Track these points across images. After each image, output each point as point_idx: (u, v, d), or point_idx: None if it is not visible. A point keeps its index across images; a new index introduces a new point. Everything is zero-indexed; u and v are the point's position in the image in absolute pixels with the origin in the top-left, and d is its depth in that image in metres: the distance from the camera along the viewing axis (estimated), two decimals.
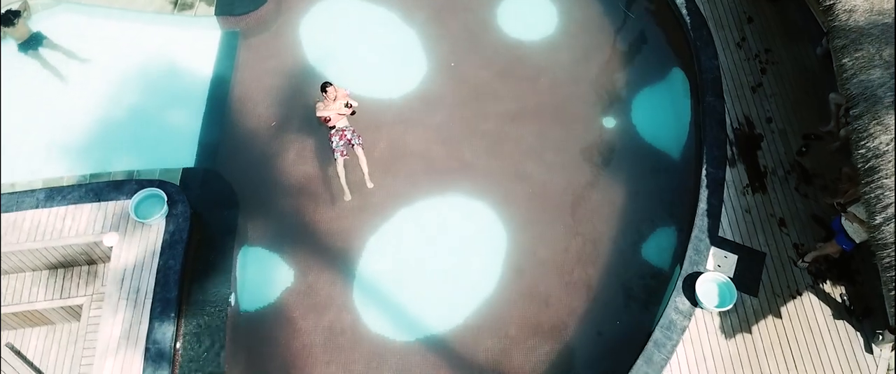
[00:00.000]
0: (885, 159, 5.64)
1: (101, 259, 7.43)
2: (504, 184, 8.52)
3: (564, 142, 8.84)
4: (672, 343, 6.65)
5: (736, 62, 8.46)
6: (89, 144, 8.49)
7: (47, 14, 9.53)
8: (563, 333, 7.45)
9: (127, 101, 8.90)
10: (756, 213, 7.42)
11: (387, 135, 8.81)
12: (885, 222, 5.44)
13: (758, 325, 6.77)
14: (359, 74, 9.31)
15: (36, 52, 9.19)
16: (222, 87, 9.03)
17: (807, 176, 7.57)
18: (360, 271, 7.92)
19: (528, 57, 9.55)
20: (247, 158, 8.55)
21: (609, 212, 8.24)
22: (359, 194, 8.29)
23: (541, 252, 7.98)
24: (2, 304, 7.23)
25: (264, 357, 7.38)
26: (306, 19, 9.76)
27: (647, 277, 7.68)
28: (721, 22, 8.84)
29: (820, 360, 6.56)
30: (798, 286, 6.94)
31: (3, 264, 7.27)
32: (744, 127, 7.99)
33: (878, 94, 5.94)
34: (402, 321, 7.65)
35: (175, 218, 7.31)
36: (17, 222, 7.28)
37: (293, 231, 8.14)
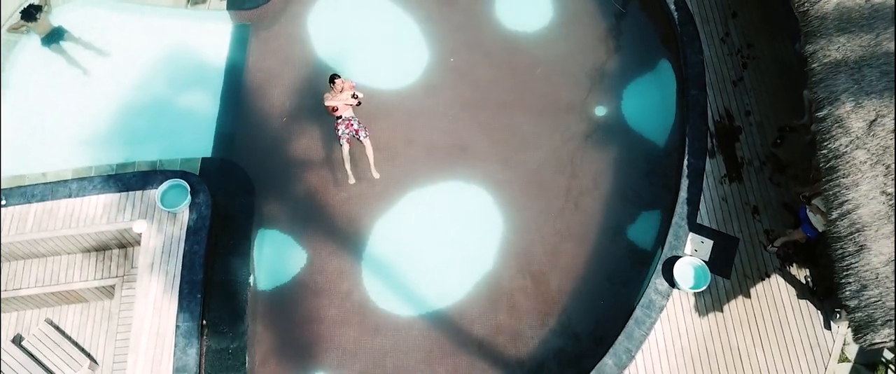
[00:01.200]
0: (843, 160, 6.24)
1: (130, 243, 8.10)
2: (500, 170, 9.13)
3: (558, 130, 9.40)
4: (651, 321, 7.38)
5: (719, 57, 8.96)
6: (113, 135, 9.06)
7: (67, 8, 9.96)
8: (552, 308, 8.18)
9: (146, 93, 9.43)
10: (732, 201, 8.05)
11: (390, 124, 9.37)
12: (841, 217, 6.07)
13: (729, 304, 7.48)
14: (363, 64, 9.81)
15: (58, 45, 9.67)
16: (235, 78, 9.55)
17: (780, 166, 8.17)
18: (368, 252, 8.61)
19: (524, 48, 10.02)
20: (260, 147, 9.14)
21: (598, 196, 8.87)
22: (366, 181, 8.90)
23: (534, 234, 8.65)
24: (37, 285, 7.95)
25: (282, 331, 8.12)
26: (313, 12, 10.19)
27: (631, 258, 8.37)
28: (707, 17, 9.29)
29: (784, 336, 7.29)
30: (767, 269, 7.63)
31: (41, 248, 7.94)
32: (724, 120, 8.55)
33: (841, 99, 6.49)
34: (407, 297, 8.37)
35: (198, 206, 7.96)
36: (53, 211, 7.93)
37: (305, 215, 8.80)
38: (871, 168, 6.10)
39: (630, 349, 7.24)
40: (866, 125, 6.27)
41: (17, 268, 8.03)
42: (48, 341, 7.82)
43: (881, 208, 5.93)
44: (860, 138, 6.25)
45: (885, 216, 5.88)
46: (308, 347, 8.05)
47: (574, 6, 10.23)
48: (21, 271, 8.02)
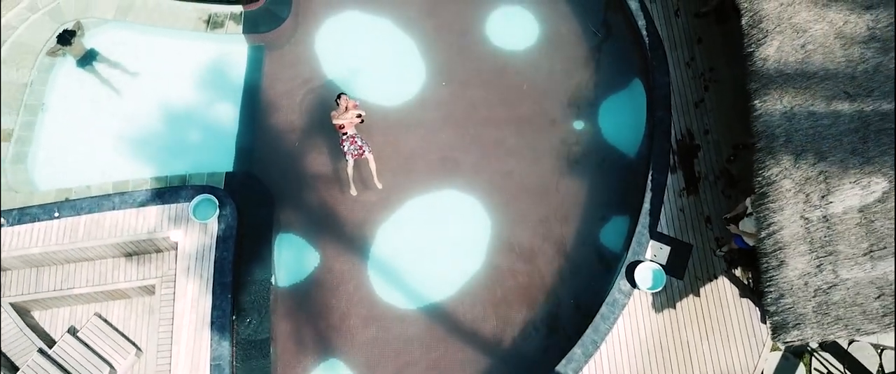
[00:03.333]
0: (772, 188, 7.41)
1: (167, 249, 9.34)
2: (490, 179, 10.31)
3: (541, 142, 10.53)
4: (614, 316, 8.68)
5: (684, 80, 10.03)
6: (145, 150, 10.21)
7: (98, 32, 10.97)
8: (532, 304, 9.48)
9: (172, 110, 10.53)
10: (688, 212, 9.27)
11: (391, 138, 10.49)
12: (767, 236, 7.28)
13: (681, 302, 8.77)
14: (366, 82, 10.86)
15: (91, 67, 10.72)
16: (252, 96, 10.63)
17: (733, 181, 9.35)
18: (373, 253, 9.86)
19: (511, 66, 11.05)
20: (276, 161, 10.29)
21: (576, 203, 10.08)
22: (370, 191, 10.09)
23: (519, 237, 9.89)
24: (88, 284, 9.22)
25: (299, 323, 9.44)
26: (320, 33, 11.18)
27: (601, 260, 9.63)
28: (675, 42, 10.32)
29: (726, 329, 8.61)
30: (715, 272, 8.89)
31: (91, 253, 9.19)
32: (686, 138, 9.69)
33: (775, 133, 7.62)
34: (408, 293, 9.67)
35: (225, 218, 9.17)
36: (100, 222, 9.15)
37: (318, 221, 10.01)
38: (794, 196, 7.28)
39: (596, 340, 8.56)
40: (793, 158, 7.43)
41: (71, 270, 9.29)
42: (99, 332, 9.14)
43: (799, 230, 7.13)
44: (787, 169, 7.41)
45: (801, 238, 7.09)
46: (321, 336, 9.39)
47: (556, 28, 11.23)
48: (73, 272, 9.28)
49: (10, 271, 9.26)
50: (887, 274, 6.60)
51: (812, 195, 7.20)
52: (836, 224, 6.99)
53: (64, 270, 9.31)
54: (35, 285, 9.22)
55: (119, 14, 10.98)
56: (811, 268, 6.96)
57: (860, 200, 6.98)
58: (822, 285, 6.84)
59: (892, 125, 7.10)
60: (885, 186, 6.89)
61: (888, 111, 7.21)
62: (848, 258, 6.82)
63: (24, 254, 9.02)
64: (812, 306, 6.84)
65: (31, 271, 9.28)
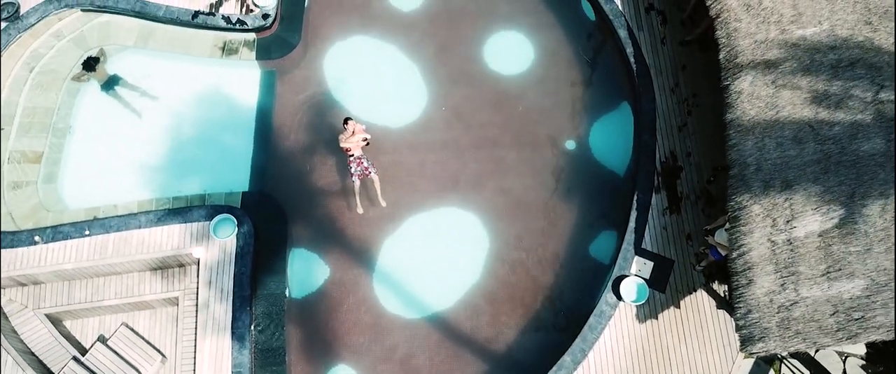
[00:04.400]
0: (743, 212, 8.15)
1: (189, 264, 10.10)
2: (488, 197, 11.06)
3: (536, 161, 11.27)
4: (601, 327, 9.45)
5: (669, 106, 10.77)
6: (166, 171, 10.95)
7: (120, 58, 11.69)
8: (526, 314, 10.25)
9: (190, 132, 11.25)
10: (671, 229, 10.03)
11: (395, 158, 11.22)
12: (738, 256, 8.03)
13: (663, 313, 9.55)
14: (371, 104, 11.58)
15: (114, 91, 11.45)
16: (265, 118, 11.36)
17: (712, 200, 10.11)
18: (379, 266, 10.62)
19: (508, 89, 11.78)
20: (288, 180, 11.03)
21: (567, 219, 10.83)
22: (375, 208, 10.83)
23: (514, 251, 10.65)
24: (116, 297, 9.98)
25: (311, 331, 10.21)
26: (328, 59, 11.88)
27: (591, 272, 10.39)
28: (660, 68, 11.05)
29: (704, 337, 9.40)
30: (694, 285, 9.67)
31: (119, 268, 9.95)
32: (669, 160, 10.44)
33: (747, 162, 8.36)
34: (411, 303, 10.45)
35: (243, 235, 9.94)
36: (127, 239, 9.91)
37: (327, 237, 10.76)
38: (762, 220, 8.04)
39: (584, 349, 9.35)
40: (763, 186, 8.18)
41: (100, 283, 10.05)
42: (127, 340, 9.92)
43: (766, 252, 7.89)
44: (757, 196, 8.16)
45: (767, 259, 7.85)
46: (331, 344, 10.16)
47: (550, 54, 11.95)
48: (103, 286, 10.04)
49: (44, 284, 10.02)
50: (841, 294, 7.37)
51: (778, 220, 7.96)
52: (799, 247, 7.76)
53: (94, 283, 10.07)
54: (67, 297, 9.98)
55: (139, 41, 11.71)
56: (776, 287, 7.73)
57: (820, 225, 7.74)
58: (785, 302, 7.61)
59: (850, 158, 7.85)
60: (841, 213, 7.65)
61: (846, 145, 7.95)
62: (808, 279, 7.59)
63: (58, 269, 9.78)
64: (776, 321, 7.61)
65: (64, 285, 10.04)
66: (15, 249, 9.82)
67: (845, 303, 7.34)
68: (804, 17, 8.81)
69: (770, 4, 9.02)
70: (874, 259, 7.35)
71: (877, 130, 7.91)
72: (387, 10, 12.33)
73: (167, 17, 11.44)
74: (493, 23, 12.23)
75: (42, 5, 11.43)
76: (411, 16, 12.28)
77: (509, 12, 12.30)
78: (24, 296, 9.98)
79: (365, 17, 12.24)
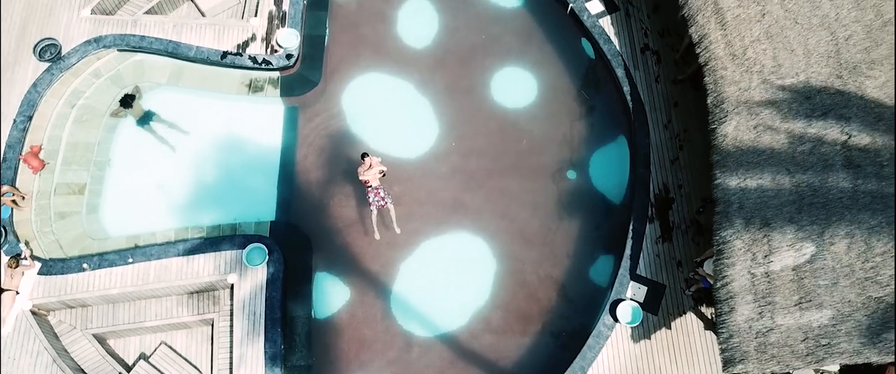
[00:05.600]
0: (727, 246, 9.09)
1: (224, 288, 11.05)
2: (495, 223, 12.01)
3: (539, 190, 12.22)
4: (599, 346, 10.41)
5: (662, 140, 11.71)
6: (199, 201, 11.88)
7: (154, 95, 12.61)
8: (530, 332, 11.21)
9: (221, 164, 12.18)
10: (663, 256, 10.98)
11: (408, 187, 12.16)
12: (722, 287, 8.97)
13: (655, 334, 10.51)
14: (386, 136, 12.50)
15: (149, 126, 12.38)
16: (289, 151, 12.29)
17: (701, 230, 11.05)
18: (395, 288, 11.58)
19: (513, 123, 12.72)
20: (312, 210, 11.96)
21: (569, 244, 11.78)
22: (391, 235, 11.75)
23: (520, 274, 11.60)
24: (157, 318, 10.92)
25: (334, 348, 11.16)
26: (346, 95, 12.80)
27: (588, 294, 11.35)
28: (655, 105, 11.98)
29: (692, 356, 10.35)
30: (684, 308, 10.62)
31: (159, 292, 10.90)
32: (662, 192, 11.38)
33: (730, 200, 9.30)
34: (425, 322, 11.40)
35: (273, 263, 10.88)
36: (168, 266, 10.85)
37: (348, 262, 11.71)
38: (743, 254, 8.98)
39: (584, 366, 10.30)
40: (744, 222, 9.12)
41: (142, 306, 10.99)
42: (167, 358, 10.88)
43: (746, 283, 8.84)
44: (739, 232, 9.10)
45: (747, 289, 8.79)
46: (353, 361, 11.11)
47: (552, 90, 12.88)
48: (145, 308, 10.98)
49: (91, 306, 10.97)
50: (811, 322, 8.33)
51: (758, 255, 8.91)
52: (775, 280, 8.70)
53: (136, 306, 11.02)
54: (112, 318, 10.92)
55: (172, 79, 12.64)
56: (754, 315, 8.67)
57: (794, 260, 8.69)
58: (762, 328, 8.56)
59: (821, 200, 8.80)
60: (812, 250, 8.60)
61: (819, 187, 8.90)
62: (782, 308, 8.54)
63: (104, 294, 10.72)
64: (754, 345, 8.56)
65: (109, 307, 10.98)
66: (66, 275, 10.76)
67: (814, 331, 8.29)
68: (783, 68, 9.73)
69: (753, 55, 9.94)
70: (840, 292, 8.31)
71: (844, 175, 8.85)
72: (399, 48, 13.26)
73: (198, 56, 12.35)
74: (499, 60, 13.16)
75: (82, 46, 12.33)
76: (422, 54, 13.22)
77: (514, 50, 13.24)
78: (73, 318, 10.92)
79: (379, 55, 13.16)
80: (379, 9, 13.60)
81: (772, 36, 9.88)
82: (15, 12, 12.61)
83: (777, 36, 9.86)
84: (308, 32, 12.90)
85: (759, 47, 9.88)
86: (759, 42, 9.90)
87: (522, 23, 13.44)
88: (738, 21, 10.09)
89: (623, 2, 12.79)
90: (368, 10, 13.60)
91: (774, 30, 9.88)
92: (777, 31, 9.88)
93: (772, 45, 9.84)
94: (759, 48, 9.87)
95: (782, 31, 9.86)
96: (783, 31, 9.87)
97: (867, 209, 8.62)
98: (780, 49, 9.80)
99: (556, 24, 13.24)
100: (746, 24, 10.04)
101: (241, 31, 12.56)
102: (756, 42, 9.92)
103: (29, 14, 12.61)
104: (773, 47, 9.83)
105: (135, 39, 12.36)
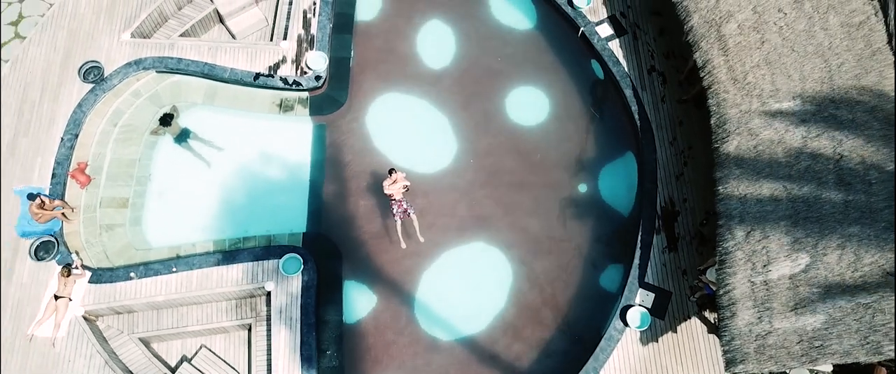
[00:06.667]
0: (729, 256, 9.90)
1: (260, 295, 11.87)
2: (510, 233, 12.82)
3: (552, 202, 13.04)
4: (610, 348, 11.22)
5: (668, 157, 12.53)
6: (235, 213, 12.70)
7: (190, 114, 13.45)
8: (545, 336, 12.02)
9: (254, 179, 13.00)
10: (669, 266, 11.80)
11: (430, 200, 12.97)
12: (724, 294, 9.77)
13: (662, 337, 11.32)
14: (408, 152, 13.32)
15: (186, 143, 13.21)
16: (318, 167, 13.11)
17: (704, 240, 11.87)
18: (418, 294, 12.38)
19: (527, 138, 13.55)
20: (340, 221, 12.79)
21: (580, 253, 12.60)
22: (414, 244, 12.58)
23: (535, 281, 12.41)
24: (198, 323, 11.72)
25: (363, 350, 11.96)
26: (370, 113, 13.63)
27: (600, 301, 12.15)
28: (661, 123, 12.81)
29: (696, 357, 11.16)
30: (689, 313, 11.44)
31: (201, 299, 11.71)
32: (668, 205, 12.21)
33: (732, 214, 10.11)
34: (447, 327, 12.21)
35: (308, 271, 11.70)
36: (209, 275, 11.67)
37: (374, 270, 12.53)
38: (744, 264, 9.79)
39: (596, 367, 11.11)
40: (745, 235, 9.93)
41: (185, 312, 11.80)
42: (209, 360, 11.70)
43: (747, 290, 9.65)
44: (740, 243, 9.92)
45: (748, 296, 9.59)
46: (380, 363, 11.91)
47: (564, 109, 13.72)
48: (187, 314, 11.79)
49: (137, 312, 11.78)
50: (805, 326, 9.13)
51: (757, 264, 9.72)
52: (773, 287, 9.52)
53: (179, 312, 11.83)
54: (156, 323, 11.74)
55: (207, 99, 13.48)
56: (754, 319, 9.48)
57: (790, 270, 9.50)
58: (761, 332, 9.37)
59: (815, 215, 9.62)
60: (807, 260, 9.42)
61: (813, 202, 9.72)
62: (779, 313, 9.35)
63: (151, 301, 11.53)
64: (754, 347, 9.36)
65: (153, 313, 11.80)
66: (114, 283, 11.57)
67: (809, 333, 9.10)
68: (781, 92, 10.57)
69: (753, 79, 10.77)
70: (831, 299, 9.12)
71: (836, 192, 9.67)
72: (419, 69, 14.11)
73: (232, 78, 13.19)
74: (514, 80, 14.01)
75: (122, 68, 13.16)
76: (441, 74, 14.06)
77: (528, 71, 14.08)
78: (121, 323, 11.74)
79: (402, 75, 14.01)
80: (400, 32, 14.44)
81: (770, 62, 10.71)
82: (59, 38, 13.46)
83: (775, 62, 10.69)
84: (334, 55, 13.74)
85: (758, 73, 10.71)
86: (759, 68, 10.74)
87: (536, 45, 14.29)
88: (740, 48, 10.93)
89: (631, 26, 13.64)
90: (390, 34, 14.44)
91: (773, 57, 10.72)
92: (775, 58, 10.71)
93: (770, 70, 10.68)
94: (759, 73, 10.71)
95: (780, 58, 10.70)
96: (781, 58, 10.70)
97: (857, 223, 9.43)
98: (778, 74, 10.64)
99: (568, 46, 14.08)
100: (747, 51, 10.87)
101: (272, 54, 13.40)
102: (756, 68, 10.75)
103: (72, 39, 13.46)
104: (771, 73, 10.66)
105: (173, 62, 13.20)
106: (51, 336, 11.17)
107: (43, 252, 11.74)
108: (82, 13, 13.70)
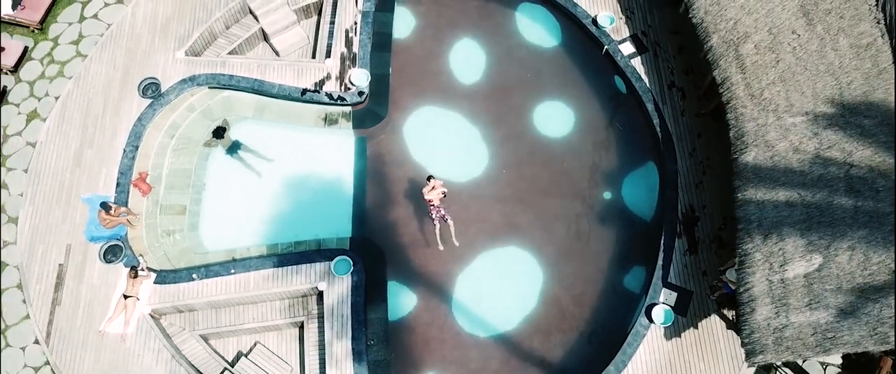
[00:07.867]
0: (748, 258, 10.82)
1: (311, 295, 12.81)
2: (540, 237, 13.76)
3: (579, 208, 13.99)
4: (637, 343, 12.14)
5: (688, 166, 13.49)
6: (285, 220, 13.65)
7: (241, 126, 14.43)
8: (574, 333, 12.94)
9: (302, 188, 13.96)
10: (690, 267, 12.73)
11: (465, 207, 13.89)
12: (743, 291, 10.69)
13: (685, 333, 12.25)
14: (444, 162, 14.25)
15: (237, 154, 14.18)
16: (361, 176, 14.07)
17: (722, 244, 12.80)
18: (455, 294, 13.32)
19: (554, 149, 14.51)
20: (383, 226, 13.73)
21: (606, 256, 13.54)
22: (450, 248, 13.51)
23: (563, 281, 13.35)
24: (254, 321, 12.66)
25: (406, 345, 12.89)
26: (407, 126, 14.58)
27: (626, 301, 13.08)
28: (680, 135, 13.77)
29: (716, 352, 12.08)
30: (709, 311, 12.36)
31: (257, 298, 12.64)
32: (689, 212, 13.15)
33: (751, 219, 11.04)
34: (482, 325, 13.14)
35: (357, 272, 12.65)
36: (265, 276, 12.61)
37: (414, 271, 13.47)
38: (762, 264, 10.72)
39: (624, 360, 12.03)
40: (762, 238, 10.87)
41: (242, 310, 12.74)
42: (264, 356, 12.64)
43: (765, 288, 10.56)
44: (758, 245, 10.85)
45: (766, 293, 10.51)
46: (421, 358, 12.85)
47: (589, 121, 14.70)
48: (244, 312, 12.74)
49: (198, 311, 12.72)
50: (819, 320, 10.06)
51: (774, 264, 10.65)
52: (789, 285, 10.44)
53: (236, 310, 12.78)
54: (215, 321, 12.68)
55: (256, 113, 14.46)
56: (772, 314, 10.41)
57: (805, 269, 10.44)
58: (778, 326, 10.29)
59: (828, 219, 10.56)
60: (820, 260, 10.36)
61: (825, 208, 10.66)
62: (795, 309, 10.27)
63: (211, 300, 12.48)
64: (772, 339, 10.27)
65: (213, 312, 12.74)
66: (177, 284, 12.52)
67: (822, 326, 10.02)
68: (795, 107, 11.53)
69: (769, 96, 11.74)
70: (843, 295, 10.05)
71: (847, 198, 10.61)
72: (453, 84, 15.10)
73: (280, 93, 14.18)
74: (541, 94, 14.99)
75: (178, 85, 14.15)
76: (473, 89, 15.05)
77: (555, 86, 15.07)
78: (183, 321, 12.68)
79: (436, 90, 15.00)
80: (434, 50, 15.44)
81: (785, 80, 11.69)
82: (118, 56, 14.46)
83: (789, 80, 11.67)
84: (374, 71, 14.71)
85: (774, 89, 11.69)
86: (774, 85, 11.71)
87: (562, 62, 15.28)
88: (756, 66, 11.91)
89: (651, 44, 14.63)
90: (425, 52, 15.44)
91: (787, 75, 11.70)
92: (789, 76, 11.69)
93: (785, 87, 11.65)
94: (775, 90, 11.68)
95: (794, 76, 11.68)
96: (794, 75, 11.68)
97: (866, 227, 10.37)
98: (792, 91, 11.61)
99: (593, 63, 15.07)
100: (763, 70, 11.85)
101: (318, 71, 14.39)
102: (772, 85, 11.73)
103: (130, 57, 14.44)
104: (786, 90, 11.64)
105: (225, 78, 14.19)
106: (121, 333, 12.11)
107: (111, 255, 12.70)
108: (139, 33, 14.70)
